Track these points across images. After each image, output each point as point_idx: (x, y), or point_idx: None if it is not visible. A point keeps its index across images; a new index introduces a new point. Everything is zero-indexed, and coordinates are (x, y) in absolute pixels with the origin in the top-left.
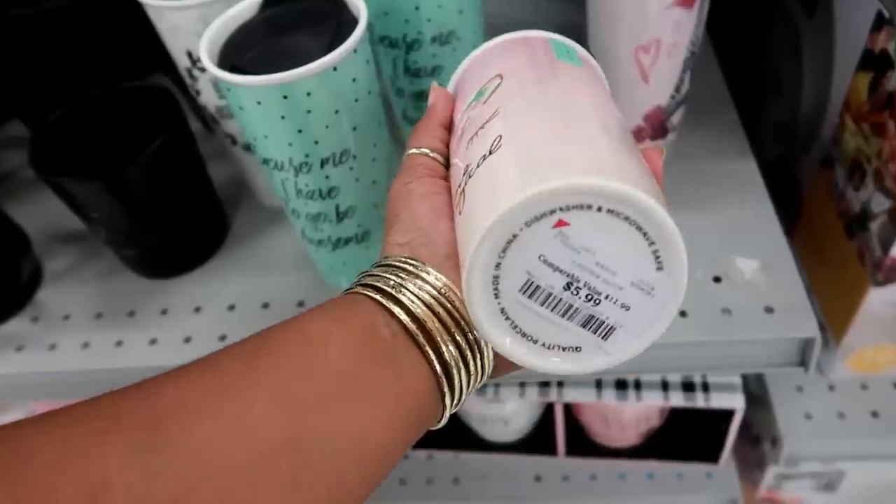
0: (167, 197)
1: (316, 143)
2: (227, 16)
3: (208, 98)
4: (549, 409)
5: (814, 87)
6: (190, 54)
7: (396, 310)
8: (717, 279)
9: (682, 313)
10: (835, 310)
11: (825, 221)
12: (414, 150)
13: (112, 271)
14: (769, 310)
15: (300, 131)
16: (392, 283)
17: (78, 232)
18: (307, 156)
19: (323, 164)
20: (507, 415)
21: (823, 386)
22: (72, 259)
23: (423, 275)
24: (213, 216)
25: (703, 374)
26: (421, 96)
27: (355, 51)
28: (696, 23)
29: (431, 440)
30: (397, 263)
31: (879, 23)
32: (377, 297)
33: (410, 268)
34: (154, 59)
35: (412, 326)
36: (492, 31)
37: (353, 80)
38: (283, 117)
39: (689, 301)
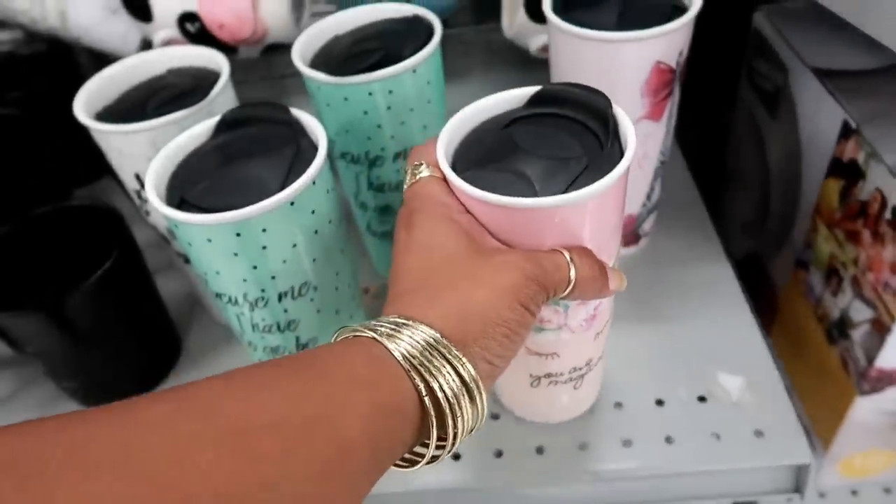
0: (114, 325)
1: (273, 278)
2: (176, 143)
3: (158, 220)
4: None
5: (782, 187)
6: (138, 177)
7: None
8: (701, 399)
9: (668, 439)
10: (820, 416)
11: (804, 325)
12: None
13: (52, 400)
14: (759, 433)
15: (255, 267)
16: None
17: (12, 357)
18: (263, 291)
19: (281, 297)
20: None
21: (813, 493)
22: (6, 388)
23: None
24: (163, 338)
25: None
26: (386, 210)
27: (314, 182)
28: (664, 132)
29: None
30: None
31: (846, 132)
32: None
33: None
34: (103, 163)
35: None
36: None
37: (313, 212)
38: (235, 254)
39: (676, 424)
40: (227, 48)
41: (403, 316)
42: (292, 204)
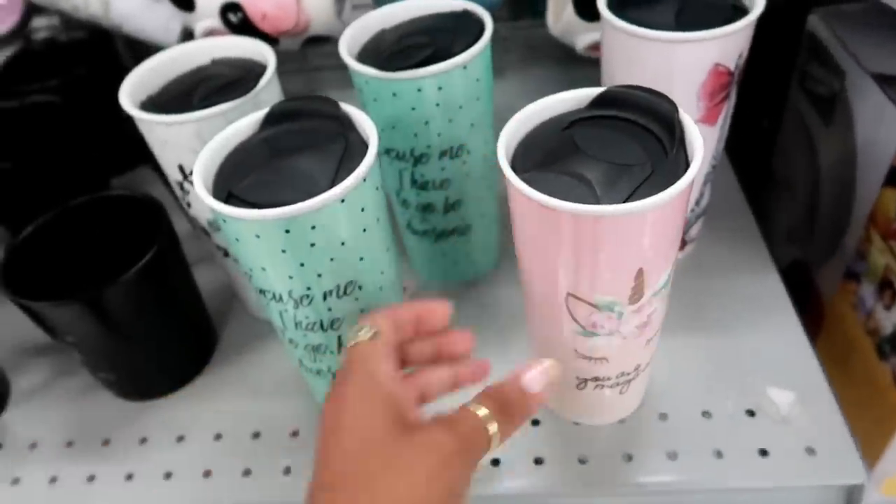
0: (152, 317)
1: (319, 276)
2: (223, 135)
3: (199, 211)
4: None
5: (833, 195)
6: (182, 168)
7: None
8: (750, 413)
9: (716, 453)
10: (866, 431)
11: (852, 338)
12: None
13: (86, 391)
14: (810, 450)
15: (302, 265)
16: None
17: (48, 345)
18: (308, 288)
19: (326, 296)
20: None
21: None
22: (41, 376)
23: None
24: (200, 331)
25: None
26: (428, 208)
27: (365, 179)
28: (718, 137)
29: None
30: None
31: None
32: None
33: None
34: (141, 151)
35: None
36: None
37: (362, 209)
38: (283, 251)
39: (723, 438)
40: (267, 39)
41: None
42: (343, 201)
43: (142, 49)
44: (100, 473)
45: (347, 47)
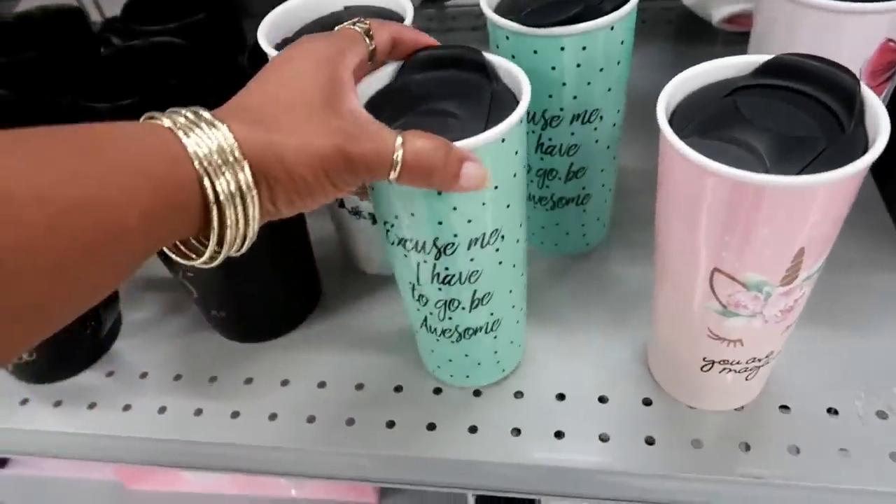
0: (268, 260)
1: (469, 221)
2: (364, 82)
3: None
4: None
5: None
6: None
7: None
8: (881, 414)
9: (842, 451)
10: None
11: None
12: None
13: (195, 329)
14: None
15: (455, 209)
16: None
17: (162, 281)
18: (455, 235)
19: (470, 245)
20: None
21: None
22: (153, 310)
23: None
24: (308, 281)
25: None
26: (549, 174)
27: (521, 121)
28: None
29: None
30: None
31: None
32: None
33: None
34: None
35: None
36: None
37: (516, 152)
38: (439, 193)
39: (850, 438)
40: None
41: (214, 116)
42: (503, 140)
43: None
44: (207, 408)
45: (487, 1)
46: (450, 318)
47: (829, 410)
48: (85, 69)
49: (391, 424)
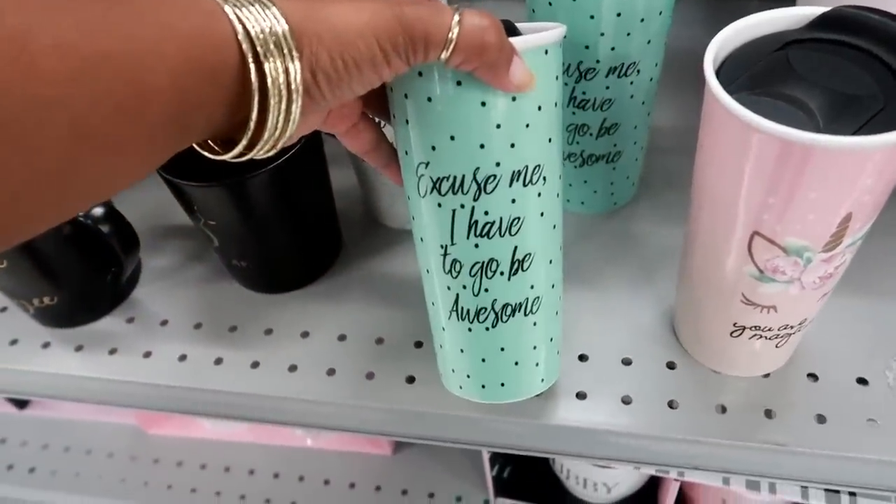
0: (290, 210)
1: (512, 146)
2: None
3: None
4: (653, 481)
5: None
6: None
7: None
8: None
9: (870, 421)
10: None
11: None
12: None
13: (215, 278)
14: None
15: (499, 126)
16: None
17: (182, 228)
18: (498, 164)
19: (513, 179)
20: (612, 481)
21: None
22: (173, 258)
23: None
24: (329, 232)
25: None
26: (581, 129)
27: (560, 43)
28: None
29: (528, 495)
30: None
31: None
32: None
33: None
34: None
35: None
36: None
37: (556, 77)
38: (483, 104)
39: (880, 408)
40: None
41: None
42: (546, 52)
43: None
44: (227, 357)
45: None
46: (486, 291)
47: (858, 380)
48: None
49: (411, 380)
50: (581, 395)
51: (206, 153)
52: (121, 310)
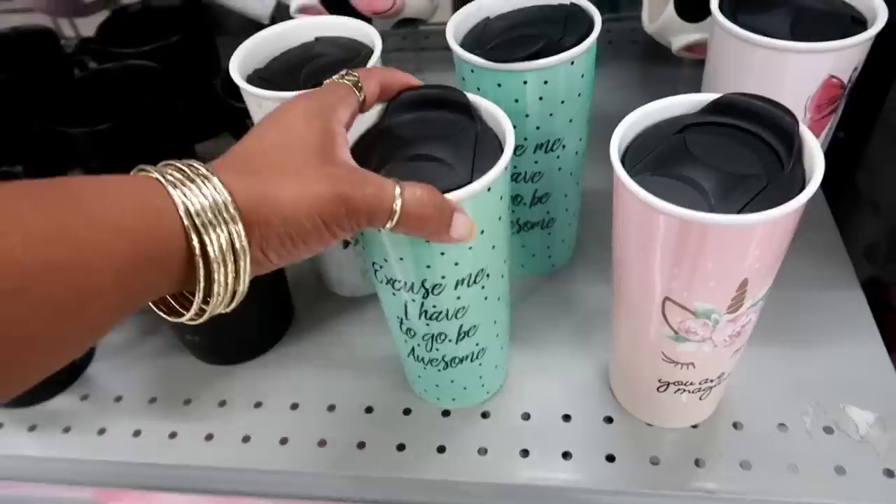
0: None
1: (456, 264)
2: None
3: None
4: None
5: None
6: None
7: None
8: (827, 429)
9: (790, 467)
10: None
11: None
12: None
13: (169, 351)
14: (889, 472)
15: (443, 254)
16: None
17: None
18: (443, 277)
19: (458, 285)
20: None
21: None
22: (128, 333)
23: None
24: (281, 303)
25: None
26: (515, 200)
27: (506, 168)
28: None
29: None
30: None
31: None
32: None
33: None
34: (224, 120)
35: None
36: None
37: (501, 198)
38: (427, 240)
39: (798, 453)
40: (360, 18)
41: (208, 168)
42: (489, 189)
43: (230, 21)
44: (181, 430)
45: (454, 35)
46: (437, 350)
47: (779, 426)
48: (57, 92)
49: (362, 445)
50: (525, 453)
51: (163, 315)
52: (75, 387)
